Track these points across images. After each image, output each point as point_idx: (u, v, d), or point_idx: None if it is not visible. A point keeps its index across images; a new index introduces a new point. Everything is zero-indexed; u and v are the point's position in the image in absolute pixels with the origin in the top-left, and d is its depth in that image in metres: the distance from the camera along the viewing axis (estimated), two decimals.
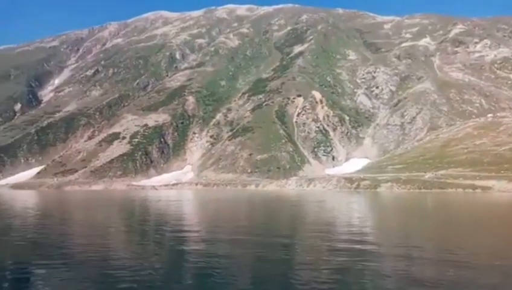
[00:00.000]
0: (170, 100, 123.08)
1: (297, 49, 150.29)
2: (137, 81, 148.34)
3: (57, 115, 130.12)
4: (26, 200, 43.61)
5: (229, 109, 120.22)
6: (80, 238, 14.12)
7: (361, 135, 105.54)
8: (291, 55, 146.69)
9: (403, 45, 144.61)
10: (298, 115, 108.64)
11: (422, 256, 11.89)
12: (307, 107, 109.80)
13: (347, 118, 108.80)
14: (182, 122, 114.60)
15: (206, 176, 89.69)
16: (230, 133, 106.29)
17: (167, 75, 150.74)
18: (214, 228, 18.91)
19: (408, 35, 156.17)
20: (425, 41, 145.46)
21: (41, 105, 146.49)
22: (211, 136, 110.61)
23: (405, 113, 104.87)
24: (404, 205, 37.07)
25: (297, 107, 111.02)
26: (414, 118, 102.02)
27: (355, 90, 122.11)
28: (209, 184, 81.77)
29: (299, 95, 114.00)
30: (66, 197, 53.87)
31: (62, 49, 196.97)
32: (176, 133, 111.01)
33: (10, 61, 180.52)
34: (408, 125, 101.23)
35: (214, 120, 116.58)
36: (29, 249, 11.62)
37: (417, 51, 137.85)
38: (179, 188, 79.17)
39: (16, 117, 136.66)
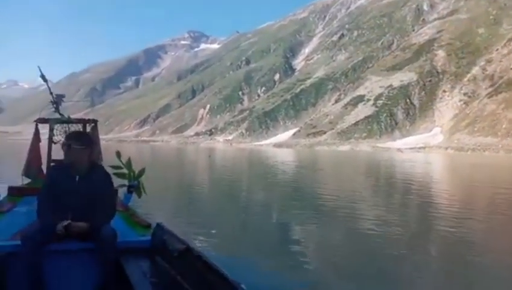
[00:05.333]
0: (417, 57, 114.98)
1: None
2: (382, 40, 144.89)
3: (308, 81, 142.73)
4: (286, 156, 50.51)
5: (488, 61, 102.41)
6: (329, 191, 15.40)
7: None
8: None
9: None
10: None
11: None
12: None
13: None
14: (430, 80, 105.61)
15: (459, 139, 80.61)
16: (490, 90, 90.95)
17: (413, 30, 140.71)
18: (473, 194, 16.97)
19: None
20: None
21: (295, 73, 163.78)
22: (465, 94, 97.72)
23: None
24: None
25: None
26: None
27: None
28: (463, 148, 73.36)
29: None
30: (317, 155, 59.42)
31: (311, 19, 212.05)
32: (423, 93, 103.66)
33: (270, 37, 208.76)
34: None
35: (469, 75, 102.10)
36: (289, 197, 13.51)
37: None
38: (426, 152, 74.49)
39: (275, 86, 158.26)
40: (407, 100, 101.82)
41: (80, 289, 2.84)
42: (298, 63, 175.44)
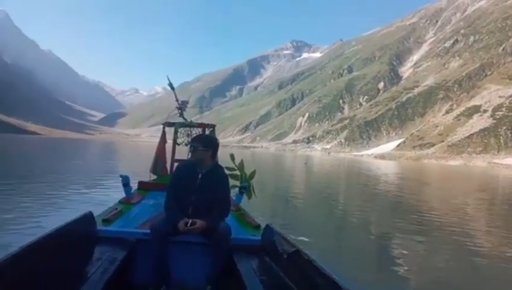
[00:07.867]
0: None
1: None
2: (503, 45, 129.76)
3: (415, 90, 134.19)
4: (390, 168, 47.93)
5: None
6: (438, 207, 14.30)
7: None
8: None
9: None
10: None
11: None
12: None
13: None
14: None
15: None
16: None
17: None
18: None
19: None
20: None
21: (401, 81, 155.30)
22: None
23: None
24: None
25: None
26: None
27: None
28: None
29: None
30: (425, 168, 55.34)
31: (421, 24, 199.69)
32: None
33: (375, 44, 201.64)
34: None
35: None
36: (391, 209, 12.85)
37: None
38: None
39: (379, 94, 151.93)
40: None
41: (196, 277, 3.12)
42: (405, 70, 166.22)
